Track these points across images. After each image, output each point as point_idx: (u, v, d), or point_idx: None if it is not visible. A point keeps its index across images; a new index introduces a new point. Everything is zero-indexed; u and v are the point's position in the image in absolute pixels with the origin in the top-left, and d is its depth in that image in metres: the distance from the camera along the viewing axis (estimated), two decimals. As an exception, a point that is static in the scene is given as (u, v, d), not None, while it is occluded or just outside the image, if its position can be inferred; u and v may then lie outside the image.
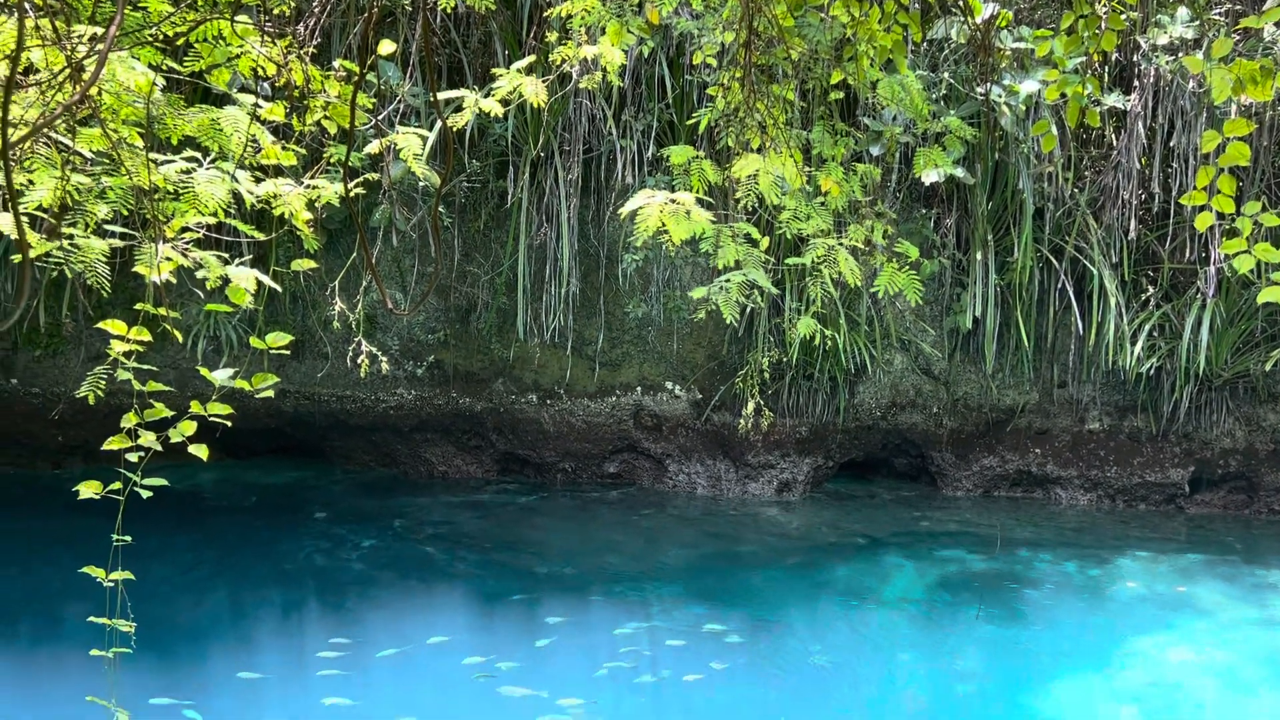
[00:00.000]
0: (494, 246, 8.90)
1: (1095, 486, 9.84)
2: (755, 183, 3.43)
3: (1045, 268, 9.24)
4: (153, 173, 2.83)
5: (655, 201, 3.24)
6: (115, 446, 2.63)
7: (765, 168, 3.34)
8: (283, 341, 2.72)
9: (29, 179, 2.94)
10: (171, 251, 2.76)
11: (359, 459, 10.25)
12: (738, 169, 3.40)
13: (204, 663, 5.63)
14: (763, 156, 3.43)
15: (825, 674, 5.93)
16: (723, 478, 9.70)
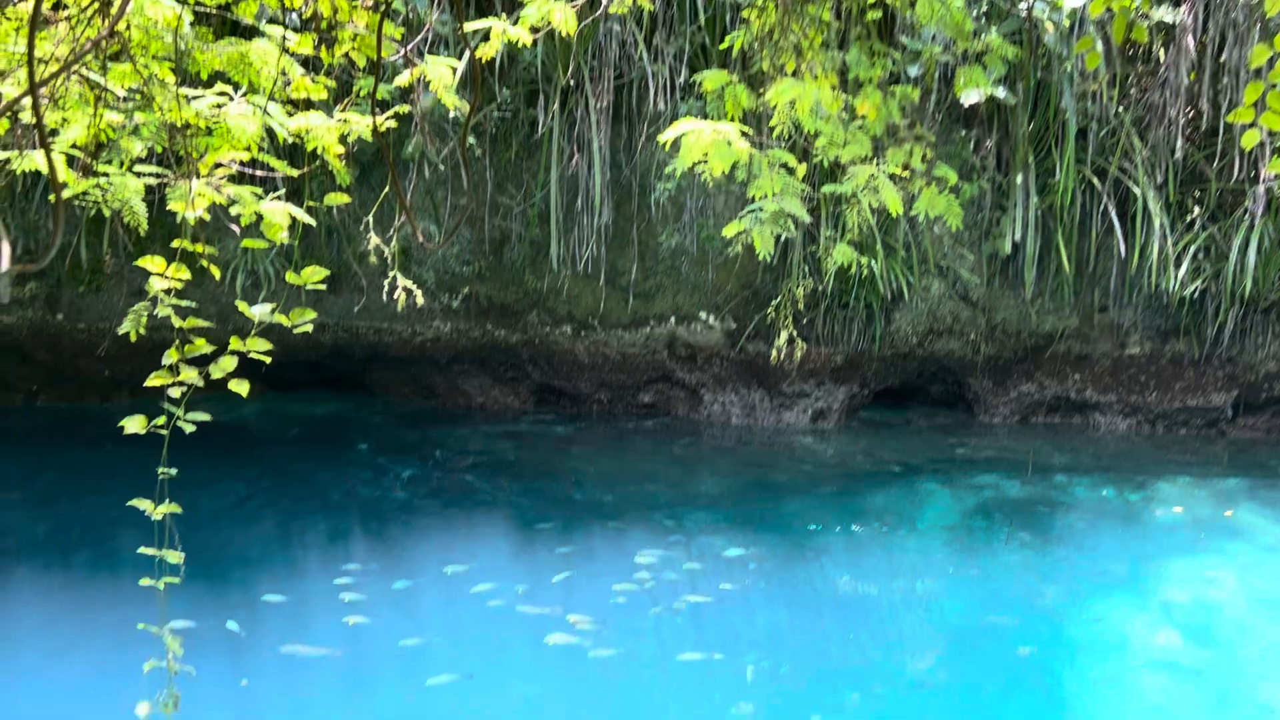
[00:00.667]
0: (525, 177, 8.84)
1: (1135, 412, 9.75)
2: (792, 109, 3.36)
3: (1087, 190, 9.04)
4: (184, 108, 2.83)
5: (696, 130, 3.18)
6: (157, 383, 2.67)
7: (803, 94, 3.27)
8: (319, 277, 2.74)
9: (63, 117, 2.95)
10: (205, 188, 2.77)
11: (398, 391, 10.37)
12: (773, 95, 3.33)
13: (253, 589, 5.78)
14: (798, 80, 3.35)
15: (851, 599, 5.99)
16: (757, 407, 9.71)
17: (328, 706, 4.68)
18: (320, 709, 4.66)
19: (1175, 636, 5.58)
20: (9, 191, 8.06)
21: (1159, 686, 5.09)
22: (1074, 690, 5.01)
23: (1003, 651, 5.41)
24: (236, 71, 3.07)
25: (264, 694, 4.71)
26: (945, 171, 3.68)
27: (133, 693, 3.10)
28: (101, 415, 9.32)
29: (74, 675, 4.82)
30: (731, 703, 4.80)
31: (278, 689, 4.77)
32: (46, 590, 5.82)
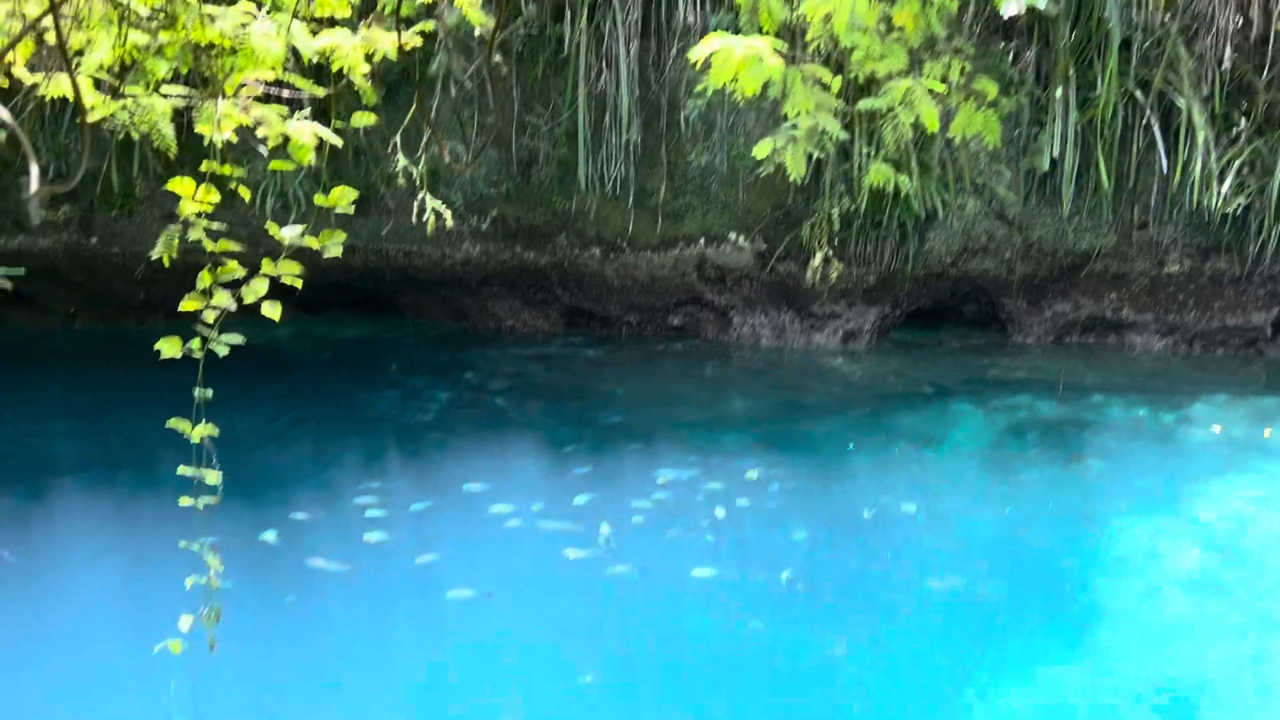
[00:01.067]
0: (553, 95, 8.71)
1: (1172, 331, 9.62)
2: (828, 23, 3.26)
3: (1129, 103, 8.79)
4: (208, 28, 2.79)
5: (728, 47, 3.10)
6: (191, 307, 2.69)
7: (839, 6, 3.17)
8: (348, 198, 2.72)
9: (88, 38, 2.93)
10: (232, 109, 2.74)
11: (429, 313, 10.42)
12: (808, 8, 3.23)
13: (289, 507, 5.90)
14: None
15: (878, 518, 6.01)
16: (787, 329, 9.67)
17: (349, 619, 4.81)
18: (342, 621, 4.80)
19: (1207, 555, 5.58)
20: (39, 114, 8.06)
21: (1189, 604, 5.10)
22: (1103, 607, 5.04)
23: (1031, 569, 5.44)
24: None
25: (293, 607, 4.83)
26: (985, 85, 3.58)
27: (176, 607, 3.19)
28: (138, 337, 9.44)
29: (120, 591, 4.96)
30: (745, 618, 4.88)
31: (304, 601, 4.90)
32: (91, 509, 5.97)
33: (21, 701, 4.19)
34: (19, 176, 8.47)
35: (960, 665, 4.58)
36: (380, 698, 4.29)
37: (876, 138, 8.41)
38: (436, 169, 8.78)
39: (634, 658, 4.66)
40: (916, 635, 4.83)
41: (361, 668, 4.49)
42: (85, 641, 4.58)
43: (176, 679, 3.52)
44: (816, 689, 4.42)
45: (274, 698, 4.24)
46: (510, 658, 4.59)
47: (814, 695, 4.38)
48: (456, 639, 4.71)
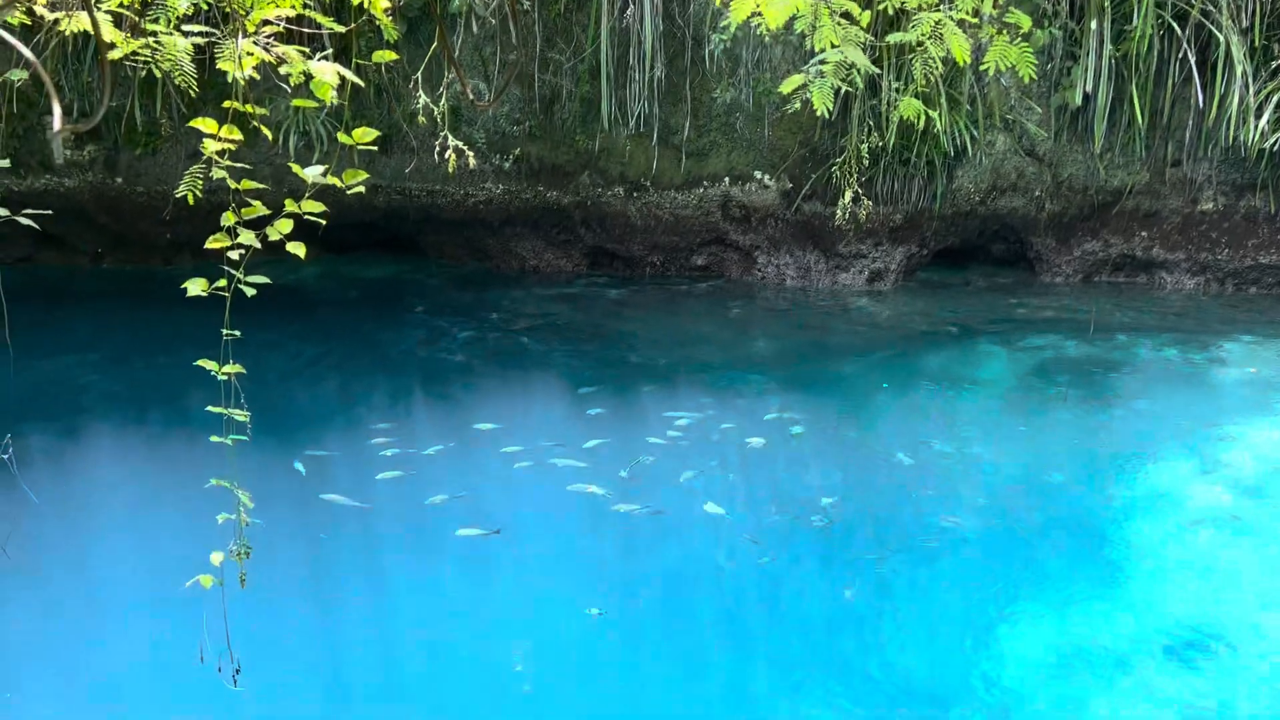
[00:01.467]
0: (575, 31, 8.59)
1: (1204, 270, 9.48)
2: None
3: (1166, 35, 8.56)
4: (228, -37, 2.76)
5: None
6: (216, 245, 2.70)
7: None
8: (370, 137, 2.71)
9: (108, -26, 2.90)
10: (253, 47, 2.72)
11: (453, 253, 10.41)
12: (835, -64, 3.15)
13: (313, 444, 5.98)
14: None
15: (900, 458, 6.01)
16: (812, 268, 9.60)
17: (353, 550, 4.91)
18: (348, 552, 4.89)
19: (1236, 495, 5.56)
20: (60, 53, 8.04)
21: (1218, 543, 5.10)
22: (1131, 547, 5.05)
23: (1058, 509, 5.45)
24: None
25: (311, 541, 4.93)
26: (1018, 17, 3.48)
27: (205, 541, 3.26)
28: (165, 277, 9.52)
29: (152, 527, 5.07)
30: (757, 556, 4.93)
31: (324, 537, 5.00)
32: (125, 446, 6.08)
33: (56, 634, 4.32)
34: (43, 116, 8.49)
35: (985, 605, 4.61)
36: (388, 634, 4.39)
37: (905, 73, 8.25)
38: (458, 107, 8.71)
39: (640, 592, 4.73)
40: (940, 574, 4.87)
41: (370, 605, 4.58)
42: (116, 576, 4.70)
43: (200, 609, 3.61)
44: (829, 627, 4.47)
45: (289, 629, 4.34)
46: (520, 593, 4.66)
47: (827, 633, 4.43)
48: (468, 575, 4.79)
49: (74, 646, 4.24)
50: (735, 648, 4.38)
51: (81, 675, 4.08)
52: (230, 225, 2.62)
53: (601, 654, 4.30)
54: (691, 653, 4.33)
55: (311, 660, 4.21)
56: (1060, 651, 4.26)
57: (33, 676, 4.07)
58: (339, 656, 4.27)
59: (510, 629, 4.41)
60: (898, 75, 8.27)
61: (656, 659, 4.28)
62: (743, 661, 4.29)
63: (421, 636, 4.38)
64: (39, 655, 4.19)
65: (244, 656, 3.55)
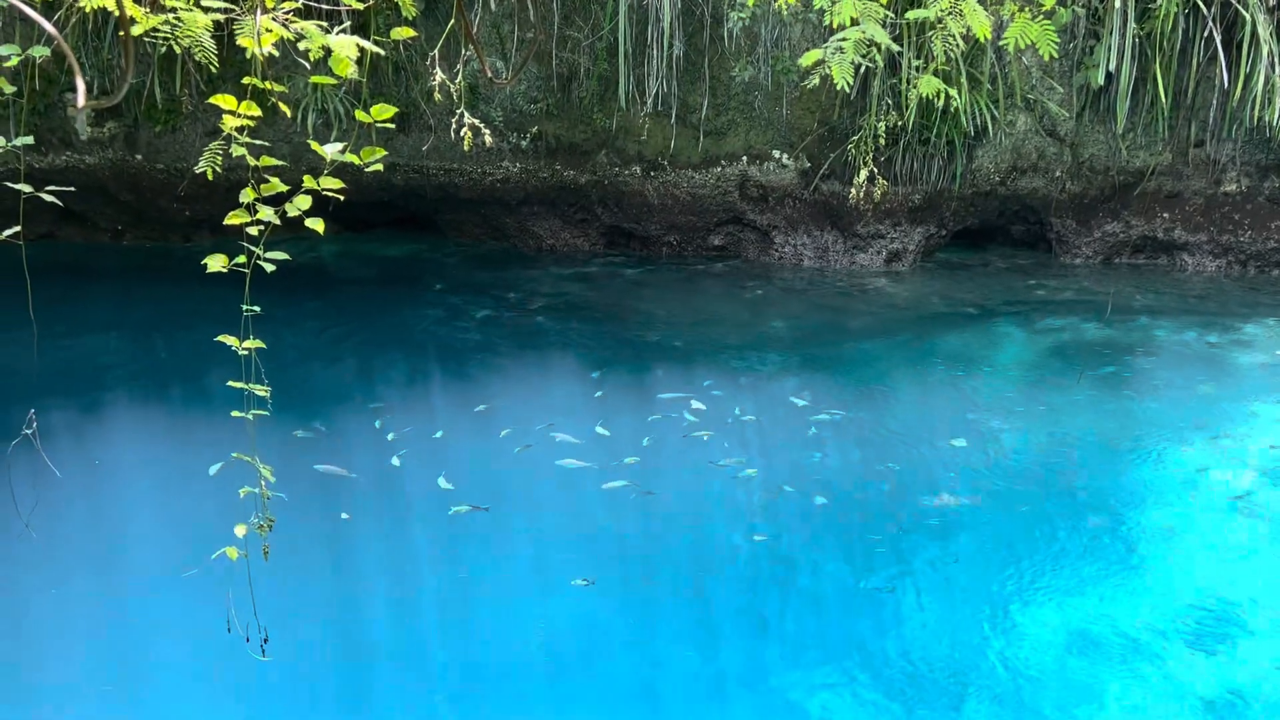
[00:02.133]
0: (594, 8, 8.55)
1: (1226, 252, 9.39)
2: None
3: (1191, 14, 8.45)
4: (247, -61, 2.76)
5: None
6: (235, 222, 2.71)
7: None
8: (388, 114, 2.71)
9: (128, -50, 2.91)
10: (272, 23, 2.73)
11: (470, 232, 10.43)
12: (855, -89, 3.13)
13: (338, 423, 6.02)
14: (883, -104, 3.13)
15: (913, 438, 6.01)
16: (830, 249, 9.57)
17: (367, 523, 4.96)
18: (361, 526, 4.94)
19: (1251, 479, 5.53)
20: (81, 30, 8.07)
21: (1236, 526, 5.08)
22: (1148, 529, 5.04)
23: (1075, 490, 5.43)
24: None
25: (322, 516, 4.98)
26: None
27: (229, 515, 3.30)
28: (184, 254, 9.57)
29: (174, 501, 5.13)
30: (751, 529, 4.95)
31: (334, 512, 5.05)
32: (146, 421, 6.14)
33: (81, 607, 4.38)
34: (63, 93, 8.53)
35: (1001, 586, 4.62)
36: (405, 602, 4.44)
37: (926, 51, 8.18)
38: (476, 85, 8.70)
39: (654, 569, 4.76)
40: (954, 554, 4.87)
41: (386, 576, 4.63)
42: (140, 549, 4.76)
43: (224, 580, 3.66)
44: (843, 607, 4.49)
45: (296, 600, 4.40)
46: (522, 565, 4.70)
47: (841, 613, 4.45)
48: (468, 550, 4.83)
49: (100, 619, 4.31)
50: (750, 627, 4.40)
51: (108, 647, 4.15)
52: (250, 201, 2.64)
53: (609, 627, 4.33)
54: (704, 629, 4.36)
55: (332, 629, 4.26)
56: (1076, 633, 4.26)
57: (59, 649, 4.13)
58: (359, 624, 4.32)
59: (519, 598, 4.45)
60: (918, 53, 8.20)
61: (671, 637, 4.31)
62: (758, 641, 4.31)
63: (435, 606, 4.43)
64: (65, 627, 4.25)
65: (269, 625, 3.60)
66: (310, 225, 2.79)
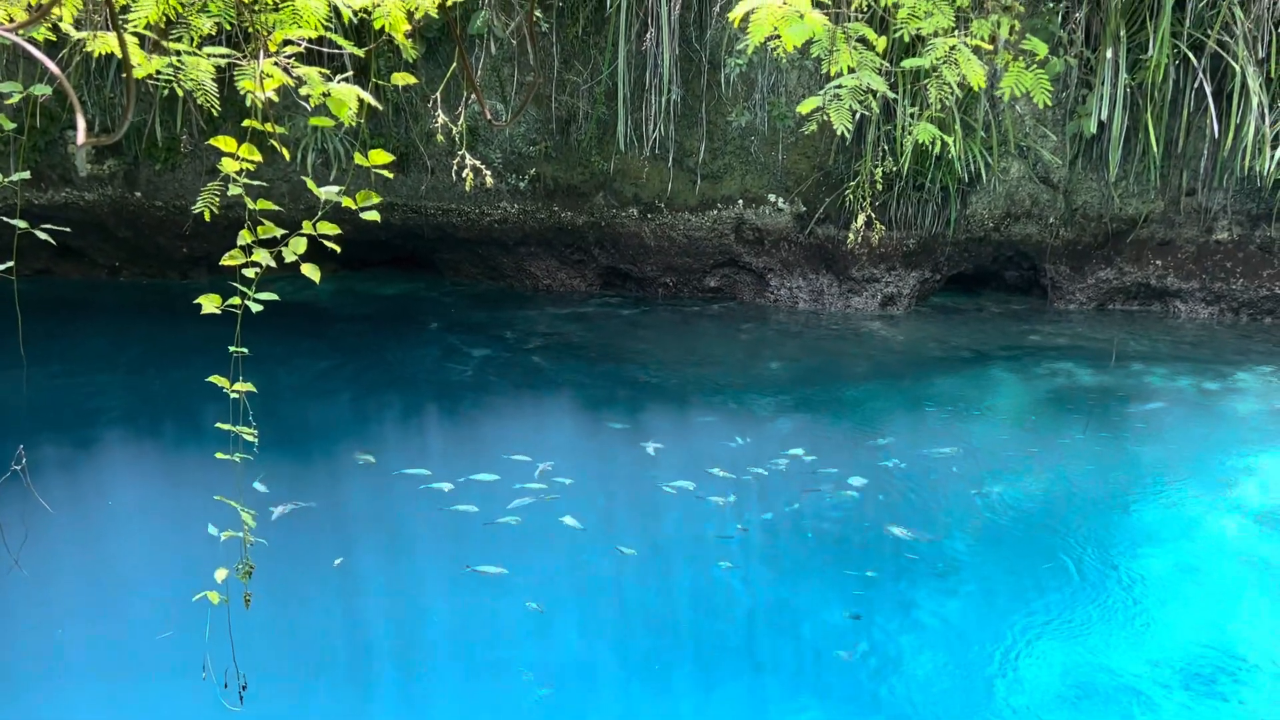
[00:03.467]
0: (593, 53, 8.65)
1: (1218, 299, 9.44)
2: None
3: (1181, 65, 8.57)
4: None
5: (767, 4, 3.06)
6: (231, 263, 2.72)
7: (881, -38, 3.10)
8: (385, 160, 2.73)
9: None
10: (273, 69, 2.75)
11: (467, 272, 10.46)
12: (851, -36, 3.17)
13: (332, 462, 6.00)
14: (878, -51, 3.18)
15: (905, 483, 5.99)
16: (825, 292, 9.61)
17: (362, 563, 4.91)
18: (354, 567, 4.89)
19: (1248, 528, 5.52)
20: (83, 68, 8.14)
21: (1230, 576, 5.06)
22: (1142, 578, 5.01)
23: (1069, 538, 5.41)
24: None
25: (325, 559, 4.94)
26: (1034, 44, 3.50)
27: (215, 557, 3.28)
28: (181, 291, 9.58)
29: (162, 540, 5.09)
30: (736, 583, 4.92)
31: (327, 547, 5.00)
32: (137, 459, 6.11)
33: (65, 646, 4.33)
34: (64, 131, 8.58)
35: (997, 632, 4.58)
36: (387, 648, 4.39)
37: (920, 98, 8.28)
38: (475, 127, 8.77)
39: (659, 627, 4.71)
40: (949, 600, 4.84)
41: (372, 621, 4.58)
42: (127, 587, 4.71)
43: (205, 623, 3.62)
44: (838, 650, 4.45)
45: (291, 643, 4.35)
46: (514, 614, 4.66)
47: (838, 661, 4.41)
48: (460, 598, 4.79)
49: (82, 658, 4.25)
50: (745, 670, 4.36)
51: (89, 687, 4.09)
52: (247, 244, 2.64)
53: (589, 665, 4.29)
54: (706, 674, 4.31)
55: (317, 674, 4.21)
56: (1073, 681, 4.22)
57: (41, 687, 4.07)
58: (344, 671, 4.27)
59: (514, 648, 4.40)
60: (913, 101, 8.29)
61: (677, 685, 4.27)
62: (756, 685, 4.27)
63: (423, 657, 4.38)
64: (48, 666, 4.20)
65: (247, 668, 3.56)
66: (306, 272, 2.79)
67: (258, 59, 2.68)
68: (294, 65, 2.78)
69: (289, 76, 2.77)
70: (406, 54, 3.41)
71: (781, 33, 3.21)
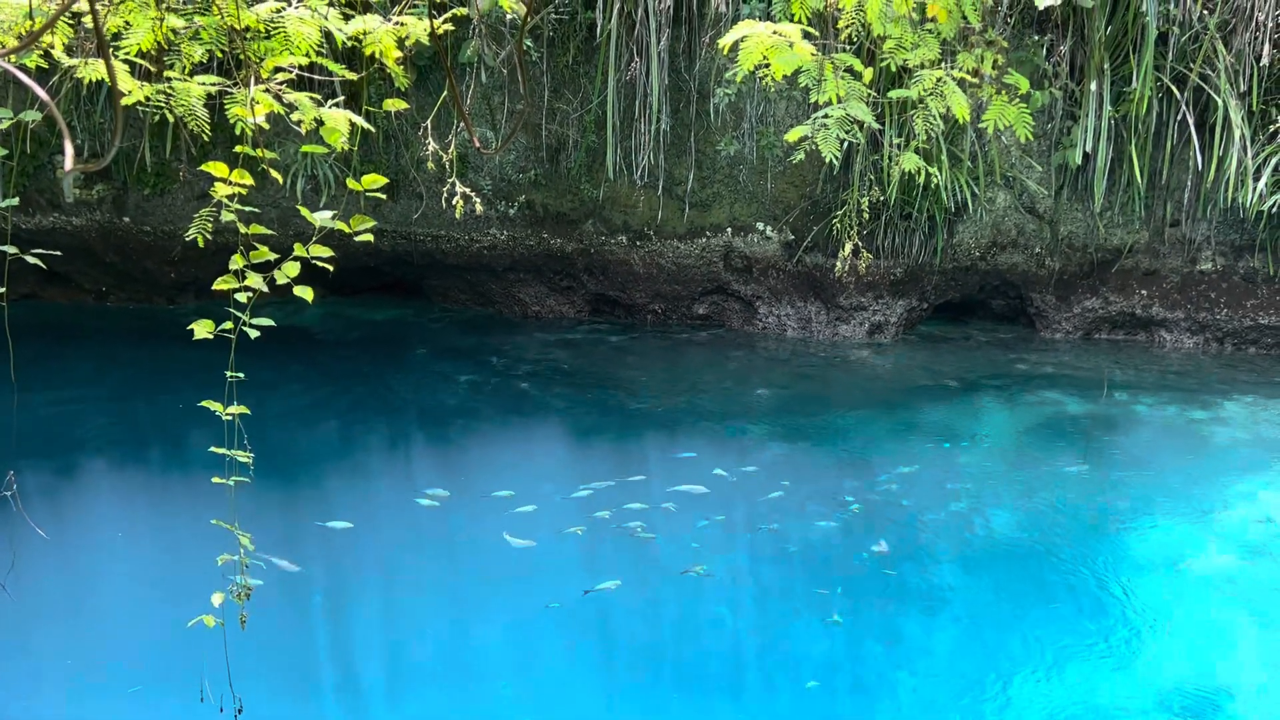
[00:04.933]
0: (583, 82, 8.72)
1: (1203, 329, 9.51)
2: (860, 11, 3.25)
3: (1165, 98, 8.68)
4: (243, 10, 2.81)
5: (757, 33, 3.09)
6: (223, 287, 2.72)
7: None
8: (379, 184, 2.75)
9: (125, 20, 2.96)
10: (264, 96, 2.77)
11: (455, 298, 10.47)
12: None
13: (321, 488, 5.97)
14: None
15: (894, 513, 6.00)
16: (813, 320, 9.64)
17: (352, 589, 4.87)
18: (345, 592, 4.85)
19: (1236, 556, 5.54)
20: (73, 94, 8.15)
21: (1217, 605, 5.07)
22: (1129, 607, 5.02)
23: (1056, 567, 5.42)
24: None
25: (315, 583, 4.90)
26: (1017, 79, 3.54)
27: (206, 581, 3.25)
28: (168, 317, 9.56)
29: (153, 565, 5.04)
30: (720, 611, 4.90)
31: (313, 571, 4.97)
32: (124, 485, 6.07)
33: (55, 673, 4.28)
34: (53, 155, 8.58)
35: (980, 664, 4.57)
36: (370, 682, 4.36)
37: (907, 129, 8.36)
38: (466, 154, 8.81)
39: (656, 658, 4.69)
40: (934, 632, 4.83)
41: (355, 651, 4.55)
42: (117, 614, 4.67)
43: (201, 648, 3.59)
44: (820, 683, 4.43)
45: (288, 667, 4.31)
46: (501, 641, 4.63)
47: (818, 689, 4.39)
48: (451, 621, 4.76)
49: (74, 685, 4.20)
50: (710, 689, 4.34)
51: (81, 715, 4.04)
52: (239, 268, 2.65)
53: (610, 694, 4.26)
54: (688, 699, 4.29)
55: (311, 698, 4.17)
56: (1059, 710, 4.21)
57: (32, 715, 4.02)
58: (336, 694, 4.23)
59: (494, 669, 4.37)
60: (899, 131, 8.37)
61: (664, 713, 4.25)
62: (737, 711, 4.25)
63: (412, 677, 4.35)
64: (38, 693, 4.15)
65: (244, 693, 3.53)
66: (299, 293, 2.80)
67: (249, 86, 2.69)
68: (285, 91, 2.80)
69: (280, 104, 2.78)
70: (398, 81, 3.43)
71: (771, 61, 3.25)
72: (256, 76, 2.80)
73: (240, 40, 2.84)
